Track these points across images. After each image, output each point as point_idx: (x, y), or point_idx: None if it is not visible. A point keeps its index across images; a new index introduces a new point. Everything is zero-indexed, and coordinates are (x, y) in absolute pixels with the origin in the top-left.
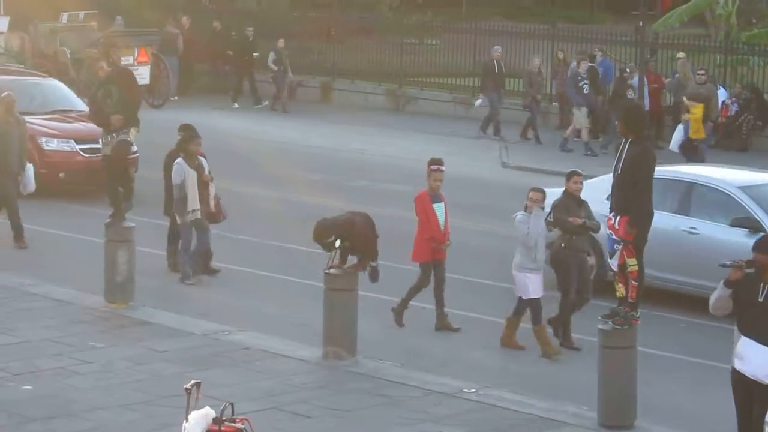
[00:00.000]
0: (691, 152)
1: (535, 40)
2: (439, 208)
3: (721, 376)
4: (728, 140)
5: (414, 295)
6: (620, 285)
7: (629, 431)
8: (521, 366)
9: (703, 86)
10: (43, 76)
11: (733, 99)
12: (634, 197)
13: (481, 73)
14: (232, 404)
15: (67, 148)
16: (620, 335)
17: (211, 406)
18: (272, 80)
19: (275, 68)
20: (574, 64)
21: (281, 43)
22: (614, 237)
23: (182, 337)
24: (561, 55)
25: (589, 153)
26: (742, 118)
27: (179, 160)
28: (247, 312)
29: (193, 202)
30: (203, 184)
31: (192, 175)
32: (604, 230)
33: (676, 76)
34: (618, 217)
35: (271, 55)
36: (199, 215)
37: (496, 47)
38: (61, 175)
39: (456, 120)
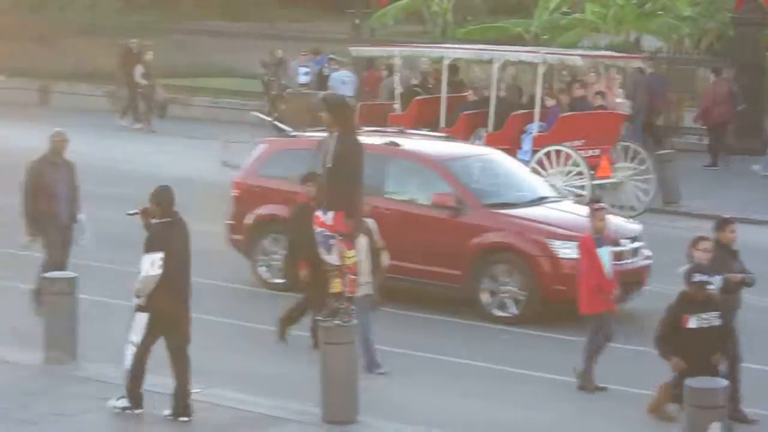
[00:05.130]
0: None
1: (252, 39)
2: (604, 252)
3: (437, 367)
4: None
5: (594, 353)
6: (338, 280)
7: (353, 426)
8: (248, 365)
9: None
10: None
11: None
12: (348, 190)
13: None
14: None
15: None
16: (341, 332)
17: None
18: (141, 97)
19: (144, 83)
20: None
21: (150, 56)
22: (327, 233)
23: None
24: (280, 54)
25: None
26: None
27: None
28: None
29: (365, 274)
30: (376, 252)
31: (363, 242)
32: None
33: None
34: (329, 213)
35: (139, 69)
36: (371, 290)
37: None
38: None
39: (175, 121)
